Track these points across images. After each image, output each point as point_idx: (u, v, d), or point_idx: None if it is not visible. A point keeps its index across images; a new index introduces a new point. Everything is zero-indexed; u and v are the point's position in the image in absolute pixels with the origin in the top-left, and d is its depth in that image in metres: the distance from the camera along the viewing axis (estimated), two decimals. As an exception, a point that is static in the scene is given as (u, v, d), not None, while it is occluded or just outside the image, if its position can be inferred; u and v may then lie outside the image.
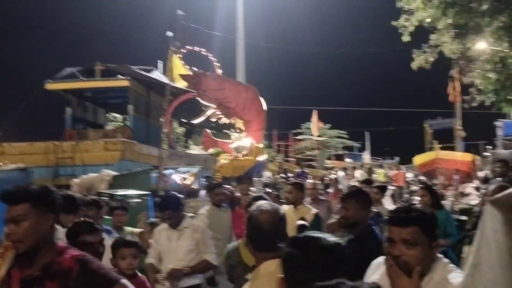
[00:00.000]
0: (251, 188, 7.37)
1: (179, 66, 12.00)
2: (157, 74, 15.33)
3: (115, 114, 20.79)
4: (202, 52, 9.36)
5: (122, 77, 13.56)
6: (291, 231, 5.53)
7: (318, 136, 33.62)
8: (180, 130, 22.83)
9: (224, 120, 8.56)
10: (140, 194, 6.11)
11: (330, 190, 12.10)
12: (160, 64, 17.84)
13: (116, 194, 5.58)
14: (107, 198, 5.57)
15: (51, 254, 2.15)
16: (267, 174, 16.02)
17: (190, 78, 8.30)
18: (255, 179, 8.79)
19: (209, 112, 8.37)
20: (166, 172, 10.76)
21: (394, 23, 11.22)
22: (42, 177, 10.71)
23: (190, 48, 8.96)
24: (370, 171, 10.99)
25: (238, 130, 8.76)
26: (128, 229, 5.12)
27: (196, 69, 8.31)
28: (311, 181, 7.65)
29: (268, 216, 2.26)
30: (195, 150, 21.12)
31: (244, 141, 8.24)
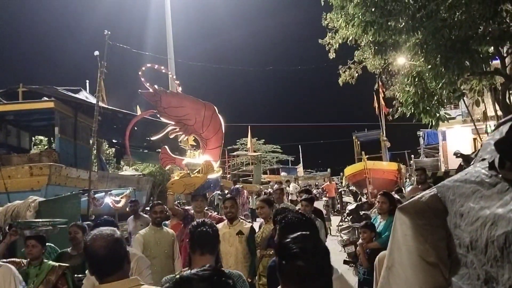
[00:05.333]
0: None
1: (102, 87, 11.79)
2: (84, 95, 14.92)
3: (40, 137, 19.94)
4: (162, 70, 9.22)
5: (47, 98, 13.09)
6: (230, 246, 5.71)
7: (253, 151, 33.99)
8: (111, 151, 22.23)
9: (184, 137, 8.49)
10: (55, 222, 5.69)
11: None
12: (89, 84, 17.41)
13: (29, 222, 5.15)
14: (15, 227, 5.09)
15: None
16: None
17: (151, 95, 8.16)
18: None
19: (167, 129, 8.25)
20: (97, 195, 10.45)
21: (320, 41, 11.64)
22: (-39, 207, 10.05)
23: (149, 66, 8.81)
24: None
25: (190, 147, 8.73)
26: (48, 263, 4.65)
27: (156, 87, 8.18)
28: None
29: (102, 241, 2.31)
30: (127, 171, 20.66)
31: (196, 158, 8.17)
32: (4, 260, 4.47)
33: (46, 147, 18.04)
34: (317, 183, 29.97)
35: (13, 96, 13.63)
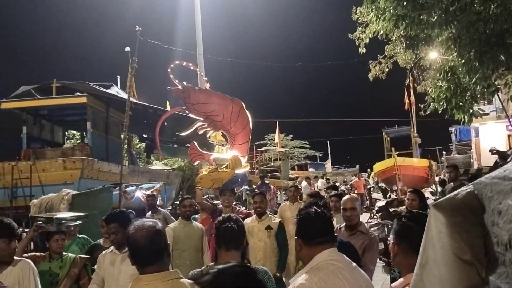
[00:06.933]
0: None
1: (133, 83, 11.97)
2: (116, 90, 15.17)
3: (73, 132, 20.40)
4: (190, 67, 9.33)
5: (79, 94, 13.36)
6: (259, 241, 5.75)
7: (281, 147, 33.95)
8: (141, 145, 22.58)
9: (212, 132, 8.59)
10: (80, 216, 5.79)
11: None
12: (120, 79, 17.71)
13: (54, 218, 5.21)
14: (41, 222, 5.17)
15: None
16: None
17: (179, 92, 8.28)
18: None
19: (197, 125, 8.35)
20: (128, 189, 10.64)
21: (350, 35, 11.52)
22: (-1, 199, 10.43)
23: (177, 62, 8.92)
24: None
25: (218, 142, 8.87)
26: (69, 256, 4.76)
27: (185, 83, 8.29)
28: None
29: (144, 232, 2.40)
30: (157, 165, 20.95)
31: (224, 154, 8.26)
32: (26, 255, 4.56)
33: (78, 141, 18.45)
34: (345, 179, 29.72)
35: (47, 92, 13.94)
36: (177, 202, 10.69)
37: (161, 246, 2.41)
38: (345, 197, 4.84)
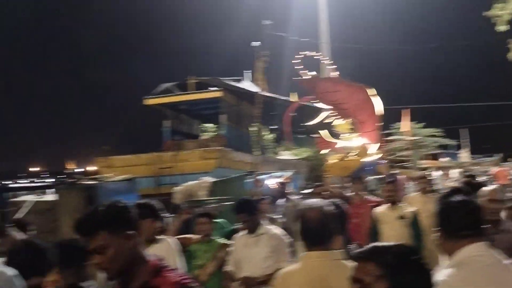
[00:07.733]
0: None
1: (262, 76, 12.33)
2: (245, 84, 15.83)
3: (206, 125, 21.70)
4: (315, 57, 9.55)
5: (215, 88, 14.17)
6: (390, 230, 5.67)
7: (411, 136, 32.48)
8: (270, 136, 23.23)
9: (339, 121, 8.68)
10: (224, 199, 6.11)
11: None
12: (246, 73, 18.42)
13: (198, 201, 5.48)
14: (187, 206, 5.43)
15: (145, 274, 1.97)
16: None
17: (307, 82, 8.55)
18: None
19: (323, 114, 8.53)
20: (260, 177, 11.12)
21: (486, 13, 10.74)
22: (146, 187, 11.49)
23: (304, 53, 9.17)
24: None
25: (345, 131, 8.90)
26: (217, 241, 4.89)
27: (312, 73, 8.51)
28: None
29: (315, 213, 2.47)
30: (285, 155, 21.43)
31: (351, 142, 8.30)
32: (179, 236, 4.86)
33: (216, 133, 19.60)
34: (485, 169, 27.50)
35: (183, 88, 14.87)
36: (305, 191, 10.89)
37: (329, 228, 2.49)
38: (492, 187, 4.18)
